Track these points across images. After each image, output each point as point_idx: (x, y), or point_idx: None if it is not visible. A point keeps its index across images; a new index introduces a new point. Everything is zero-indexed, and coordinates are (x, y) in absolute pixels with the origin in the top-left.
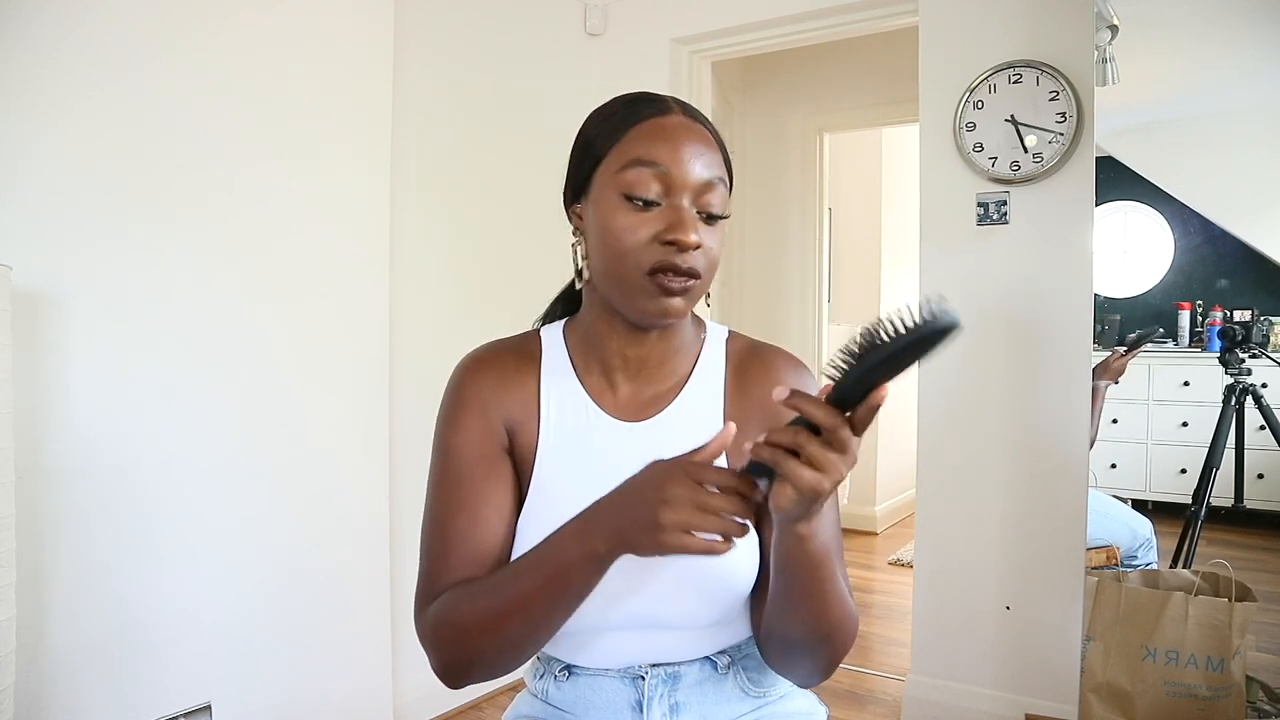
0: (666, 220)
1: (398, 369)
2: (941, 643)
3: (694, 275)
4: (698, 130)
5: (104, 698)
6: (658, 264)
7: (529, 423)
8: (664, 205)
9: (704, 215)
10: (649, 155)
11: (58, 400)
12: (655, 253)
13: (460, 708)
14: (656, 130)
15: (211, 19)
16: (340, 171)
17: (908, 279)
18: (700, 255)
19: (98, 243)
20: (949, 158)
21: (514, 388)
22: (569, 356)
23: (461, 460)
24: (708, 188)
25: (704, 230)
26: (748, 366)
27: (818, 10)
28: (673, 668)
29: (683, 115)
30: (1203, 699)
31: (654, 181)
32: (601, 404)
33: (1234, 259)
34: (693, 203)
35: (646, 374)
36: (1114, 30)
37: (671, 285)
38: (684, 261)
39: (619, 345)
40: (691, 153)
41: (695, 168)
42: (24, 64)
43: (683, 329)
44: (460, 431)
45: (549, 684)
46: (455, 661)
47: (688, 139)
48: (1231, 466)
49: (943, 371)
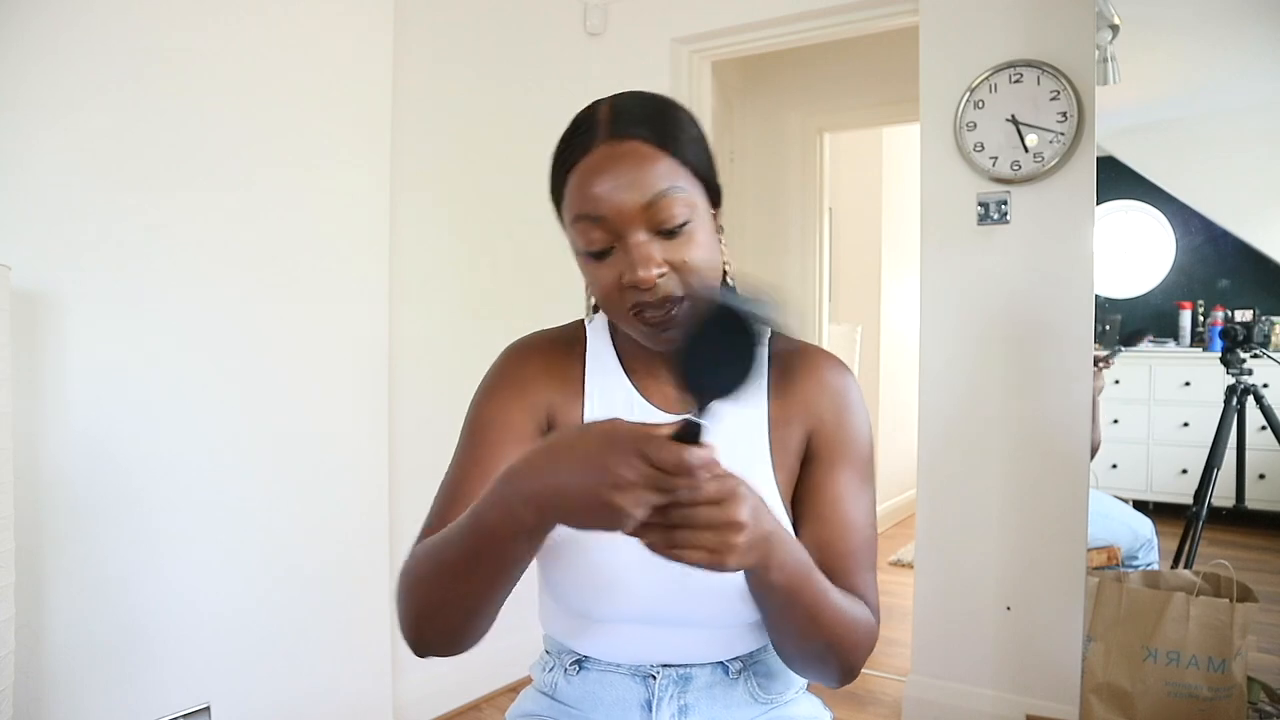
0: (621, 265)
1: (397, 368)
2: (942, 643)
3: (674, 300)
4: (625, 151)
5: (103, 698)
6: (631, 307)
7: (573, 412)
8: (616, 249)
9: (663, 233)
10: (584, 208)
11: (57, 400)
12: (627, 297)
13: (460, 708)
14: (584, 176)
15: (211, 19)
16: (340, 171)
17: (908, 279)
18: (670, 280)
19: (97, 243)
20: (949, 157)
21: (558, 375)
22: (614, 347)
23: (489, 429)
24: (651, 210)
25: (669, 248)
26: (791, 365)
27: (818, 10)
28: (684, 669)
29: (607, 142)
30: (1204, 700)
31: (596, 231)
32: (647, 394)
33: (1235, 259)
34: (645, 228)
35: None
36: (1115, 30)
37: (653, 321)
38: (651, 296)
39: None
40: (622, 184)
41: (630, 198)
42: (23, 64)
43: None
44: (492, 405)
45: (558, 677)
46: (405, 616)
47: (613, 170)
48: (1233, 467)
49: (943, 372)
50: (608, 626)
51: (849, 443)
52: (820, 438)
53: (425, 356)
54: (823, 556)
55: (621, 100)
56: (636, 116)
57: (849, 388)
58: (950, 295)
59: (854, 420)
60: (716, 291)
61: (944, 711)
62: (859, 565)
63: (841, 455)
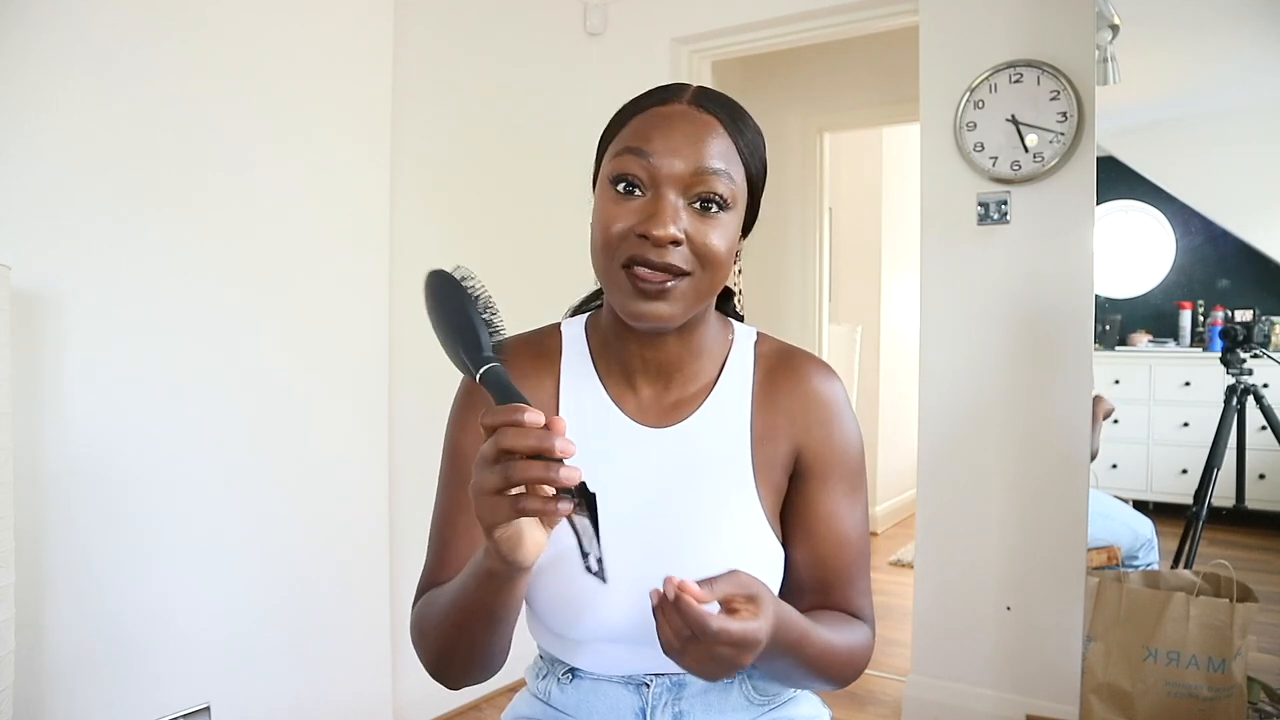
0: (642, 212)
1: (398, 368)
2: (942, 643)
3: (672, 272)
4: (702, 119)
5: (103, 698)
6: (630, 257)
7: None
8: (648, 195)
9: (698, 205)
10: (637, 142)
11: (57, 401)
12: (631, 246)
13: (460, 708)
14: (653, 118)
15: (210, 16)
16: (340, 171)
17: (908, 279)
18: (682, 252)
19: (97, 242)
20: (950, 157)
21: (529, 387)
22: (590, 354)
23: (466, 460)
24: (699, 177)
25: (696, 223)
26: (777, 373)
27: (818, 10)
28: (678, 676)
29: (689, 104)
30: (1204, 700)
31: (638, 169)
32: (623, 406)
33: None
34: (682, 194)
35: (668, 377)
36: (1115, 30)
37: (644, 284)
38: (658, 256)
39: (636, 347)
40: (684, 139)
41: (685, 155)
42: (21, 62)
43: (703, 330)
44: (467, 432)
45: (551, 685)
46: (426, 662)
47: (684, 126)
48: (1233, 467)
49: (943, 371)
50: (594, 645)
51: (839, 457)
52: (810, 454)
53: (426, 354)
54: (817, 573)
55: (712, 89)
56: (722, 102)
57: (836, 396)
58: (950, 295)
59: (844, 433)
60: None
61: (944, 711)
62: (854, 577)
63: (832, 471)
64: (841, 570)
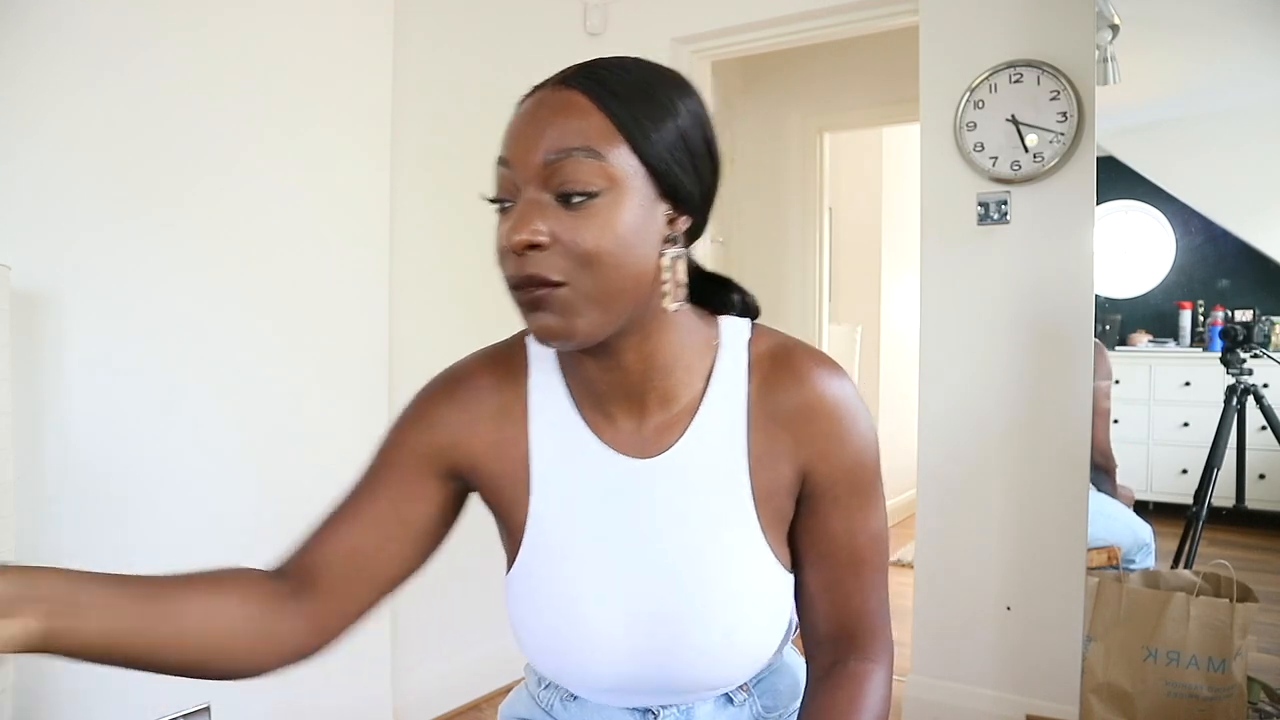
0: (507, 223)
1: (397, 368)
2: (942, 643)
3: (539, 283)
4: (559, 97)
5: (103, 698)
6: (507, 278)
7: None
8: (514, 205)
9: (561, 198)
10: (501, 151)
11: (57, 401)
12: (507, 267)
13: (460, 708)
14: (513, 119)
15: (209, 14)
16: (340, 170)
17: (908, 279)
18: (550, 258)
19: (97, 242)
20: (949, 157)
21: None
22: (560, 371)
23: (381, 459)
24: (550, 167)
25: (562, 221)
26: (775, 380)
27: (818, 10)
28: (686, 705)
29: (552, 88)
30: (1204, 700)
31: (503, 180)
32: (600, 432)
33: (1235, 259)
34: (543, 187)
35: (641, 399)
36: (1115, 30)
37: (523, 301)
38: (517, 269)
39: (593, 368)
40: (535, 130)
41: (535, 147)
42: (21, 62)
43: (664, 339)
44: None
45: (554, 698)
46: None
47: (538, 114)
48: (1233, 467)
49: (943, 372)
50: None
51: (854, 472)
52: (820, 474)
53: (426, 354)
54: (833, 597)
55: (603, 58)
56: (596, 74)
57: (845, 400)
58: (950, 295)
59: (857, 443)
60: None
61: (944, 711)
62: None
63: (847, 487)
64: (856, 593)
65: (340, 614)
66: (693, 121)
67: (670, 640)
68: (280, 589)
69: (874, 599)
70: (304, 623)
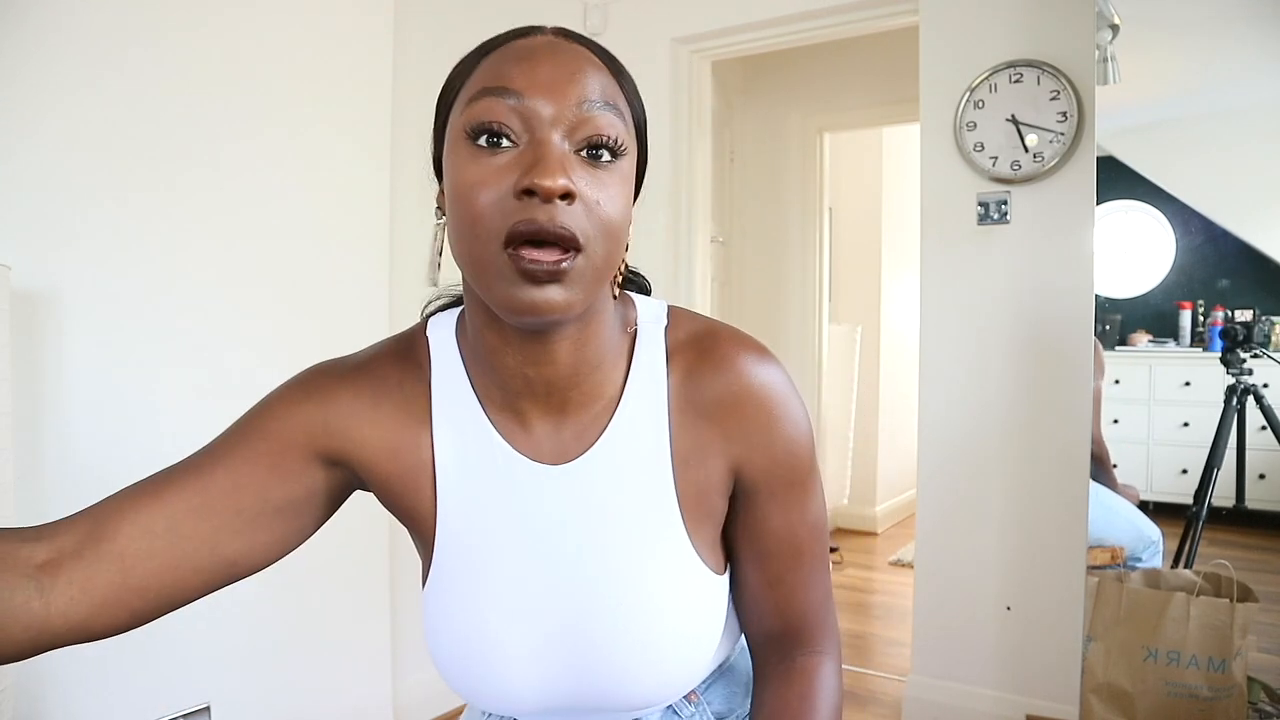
0: (519, 165)
1: None
2: (942, 643)
3: (568, 244)
4: (574, 49)
5: (103, 698)
6: (513, 230)
7: (417, 458)
8: (522, 145)
9: (587, 152)
10: (498, 81)
11: (57, 401)
12: (511, 212)
13: (460, 708)
14: (513, 52)
15: (208, 14)
16: (340, 169)
17: (908, 279)
18: (578, 212)
19: (97, 242)
20: (949, 157)
21: (393, 420)
22: (465, 369)
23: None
24: (585, 117)
25: (586, 176)
26: (697, 372)
27: (818, 10)
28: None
29: (554, 35)
30: (1204, 700)
31: (504, 113)
32: (510, 438)
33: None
34: (566, 138)
35: (562, 398)
36: (1115, 29)
37: (533, 265)
38: (549, 220)
39: (516, 363)
40: (563, 71)
41: (563, 89)
42: (21, 63)
43: (601, 327)
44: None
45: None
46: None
47: (554, 56)
48: (1233, 467)
49: (943, 371)
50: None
51: (789, 463)
52: (752, 469)
53: None
54: (776, 595)
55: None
56: (585, 39)
57: (774, 389)
58: (950, 295)
59: (790, 433)
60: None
61: (944, 711)
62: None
63: (782, 480)
64: (799, 588)
65: (138, 593)
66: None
67: (588, 658)
68: (38, 553)
69: (817, 591)
70: (67, 601)
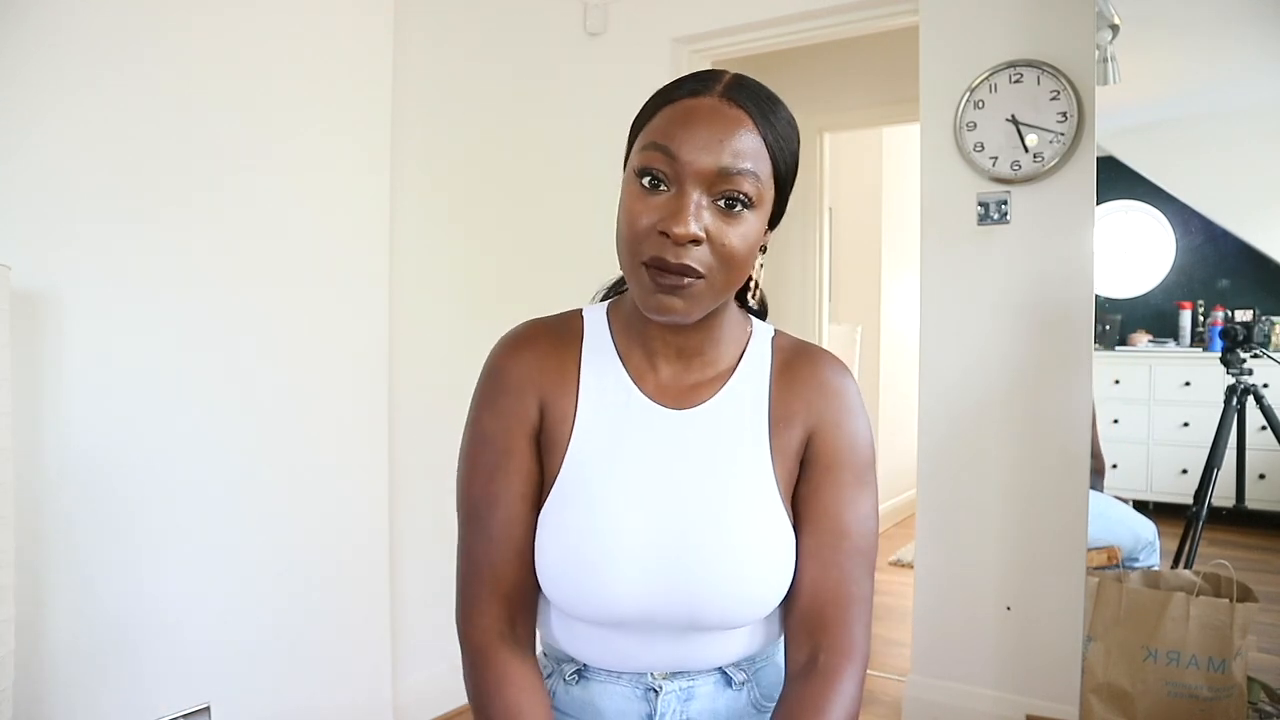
0: (665, 209)
1: (398, 368)
2: (942, 643)
3: (688, 273)
4: (731, 114)
5: (103, 698)
6: (650, 257)
7: (565, 401)
8: (671, 191)
9: (722, 203)
10: (663, 139)
11: (57, 401)
12: (652, 244)
13: (460, 708)
14: (680, 112)
15: (208, 15)
16: (340, 170)
17: (908, 279)
18: (700, 252)
19: (97, 242)
20: (950, 157)
21: (552, 367)
22: (611, 336)
23: (496, 449)
24: (724, 177)
25: (718, 221)
26: (794, 364)
27: (818, 10)
28: (688, 682)
29: (719, 98)
30: (1204, 700)
31: (663, 164)
32: (643, 386)
33: (1235, 259)
34: (706, 190)
35: (688, 361)
36: (1115, 30)
37: (660, 281)
38: (675, 256)
39: (659, 331)
40: (709, 137)
41: (710, 153)
42: (21, 63)
43: (725, 318)
44: (495, 418)
45: (557, 684)
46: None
47: (710, 122)
48: (1233, 467)
49: (944, 371)
50: (605, 632)
51: (848, 449)
52: (819, 441)
53: (425, 354)
54: (815, 565)
55: (747, 77)
56: (755, 93)
57: (849, 391)
58: (950, 295)
59: (854, 424)
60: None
61: (944, 711)
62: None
63: (839, 461)
64: (835, 567)
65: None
66: (798, 143)
67: (689, 572)
68: (526, 648)
69: (853, 584)
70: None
